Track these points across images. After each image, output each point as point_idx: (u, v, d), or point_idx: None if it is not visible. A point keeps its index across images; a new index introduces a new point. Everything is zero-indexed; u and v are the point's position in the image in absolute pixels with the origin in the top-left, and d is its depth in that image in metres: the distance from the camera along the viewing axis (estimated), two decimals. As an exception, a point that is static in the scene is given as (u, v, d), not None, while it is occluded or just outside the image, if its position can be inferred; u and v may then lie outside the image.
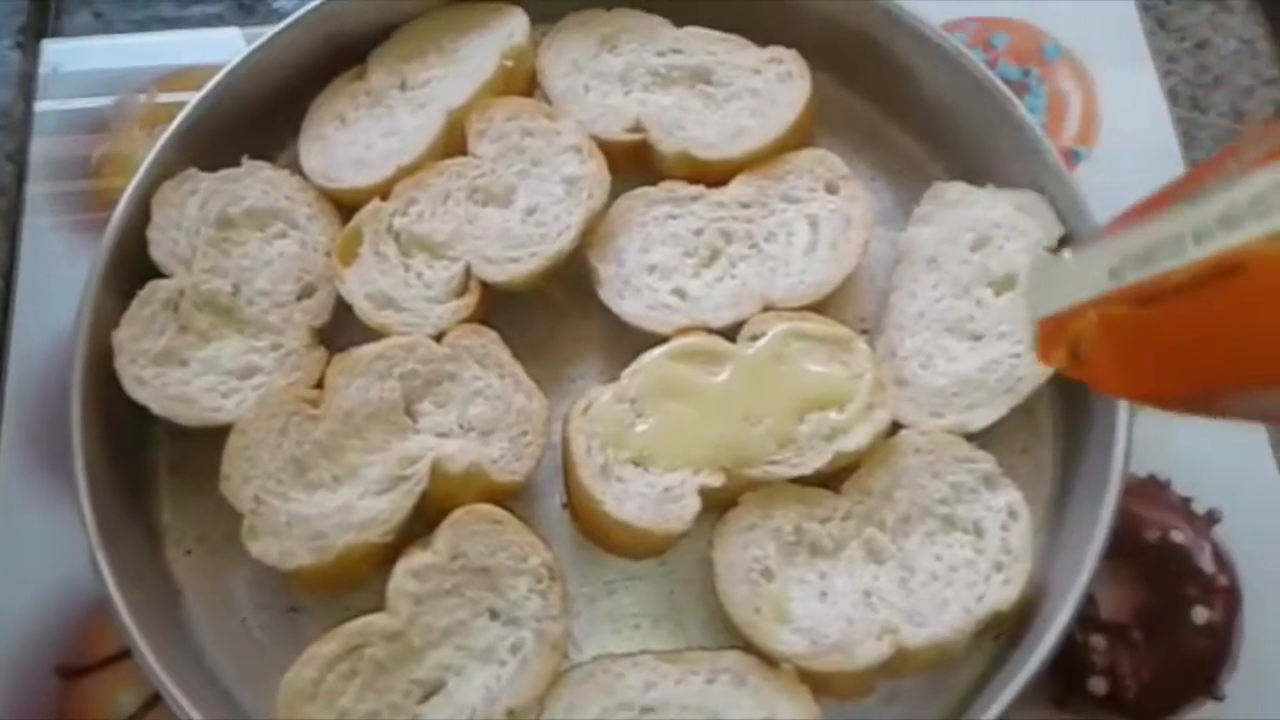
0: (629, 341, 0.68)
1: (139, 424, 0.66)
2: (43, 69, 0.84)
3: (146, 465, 0.69)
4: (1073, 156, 0.79)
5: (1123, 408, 0.63)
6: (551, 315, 0.72)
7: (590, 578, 0.66)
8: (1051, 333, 0.44)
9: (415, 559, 0.61)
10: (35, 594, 0.68)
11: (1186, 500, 0.69)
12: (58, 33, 0.87)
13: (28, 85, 0.83)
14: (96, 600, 0.61)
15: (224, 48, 0.82)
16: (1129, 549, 0.66)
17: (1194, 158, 0.80)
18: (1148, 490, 0.69)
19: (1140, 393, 0.44)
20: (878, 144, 0.77)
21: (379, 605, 0.60)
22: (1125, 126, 0.80)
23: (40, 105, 0.83)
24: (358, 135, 0.73)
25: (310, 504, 0.62)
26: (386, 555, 0.62)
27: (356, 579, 0.63)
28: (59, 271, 0.75)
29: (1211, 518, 0.68)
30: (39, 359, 0.73)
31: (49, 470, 0.70)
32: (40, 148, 0.81)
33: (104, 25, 0.88)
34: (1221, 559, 0.67)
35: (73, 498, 0.62)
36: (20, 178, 0.80)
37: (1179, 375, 0.41)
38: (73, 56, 0.85)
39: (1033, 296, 0.46)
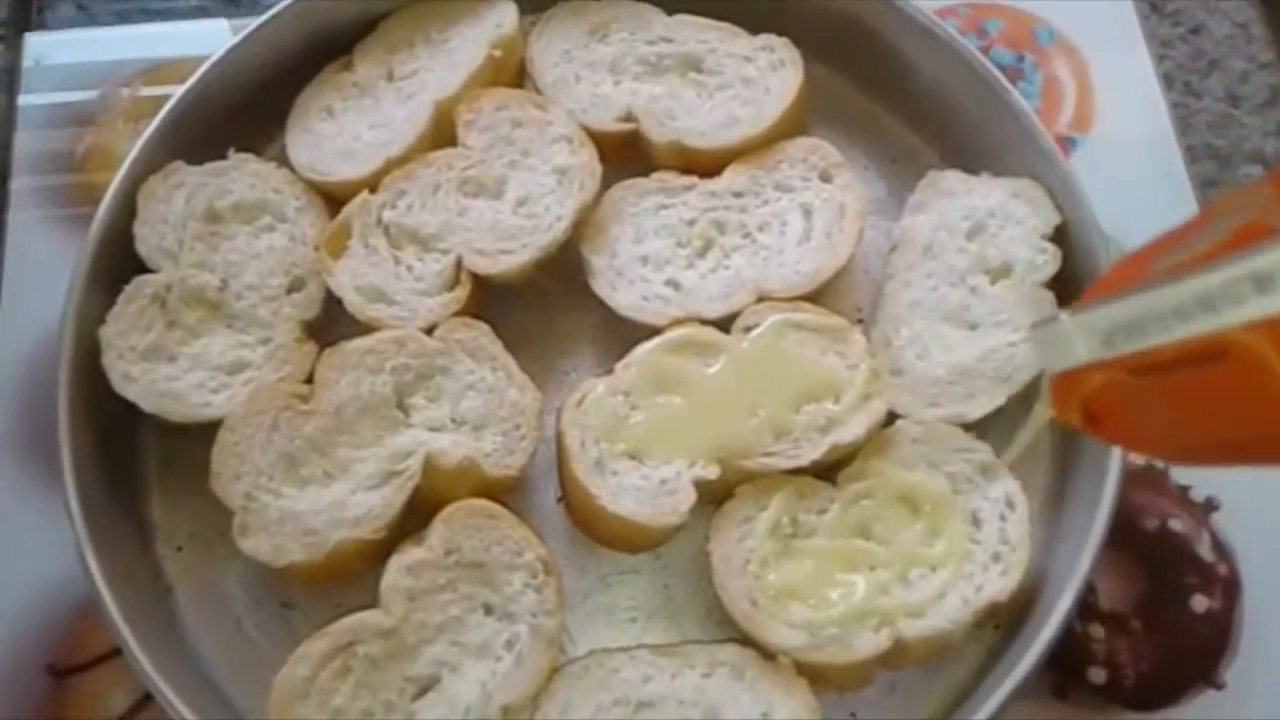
0: (622, 333, 0.67)
1: (128, 420, 0.65)
2: (26, 63, 0.83)
3: (136, 462, 0.68)
4: (1068, 143, 0.79)
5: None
6: (544, 307, 0.71)
7: (586, 571, 0.65)
8: (1063, 390, 0.46)
9: (409, 555, 0.60)
10: (26, 592, 0.67)
11: (1185, 488, 0.69)
12: (41, 26, 0.86)
13: (11, 79, 0.82)
14: (88, 598, 0.60)
15: (210, 40, 0.81)
16: (1127, 538, 0.65)
17: (1189, 144, 0.79)
18: (1146, 478, 0.69)
19: (1150, 450, 0.45)
20: (872, 132, 0.76)
21: (374, 601, 0.60)
22: (1120, 112, 0.80)
23: (24, 99, 0.82)
24: (345, 127, 0.72)
25: (302, 500, 0.61)
26: (380, 551, 0.61)
27: (350, 575, 0.62)
28: (45, 267, 0.75)
29: (1210, 505, 0.68)
30: (26, 356, 0.73)
31: (39, 467, 0.69)
32: (25, 142, 0.80)
33: (88, 18, 0.87)
34: (1220, 547, 0.66)
35: (62, 495, 0.61)
36: (4, 173, 0.79)
37: (1177, 442, 0.43)
38: (57, 50, 0.84)
39: (1038, 354, 0.48)
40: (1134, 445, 0.45)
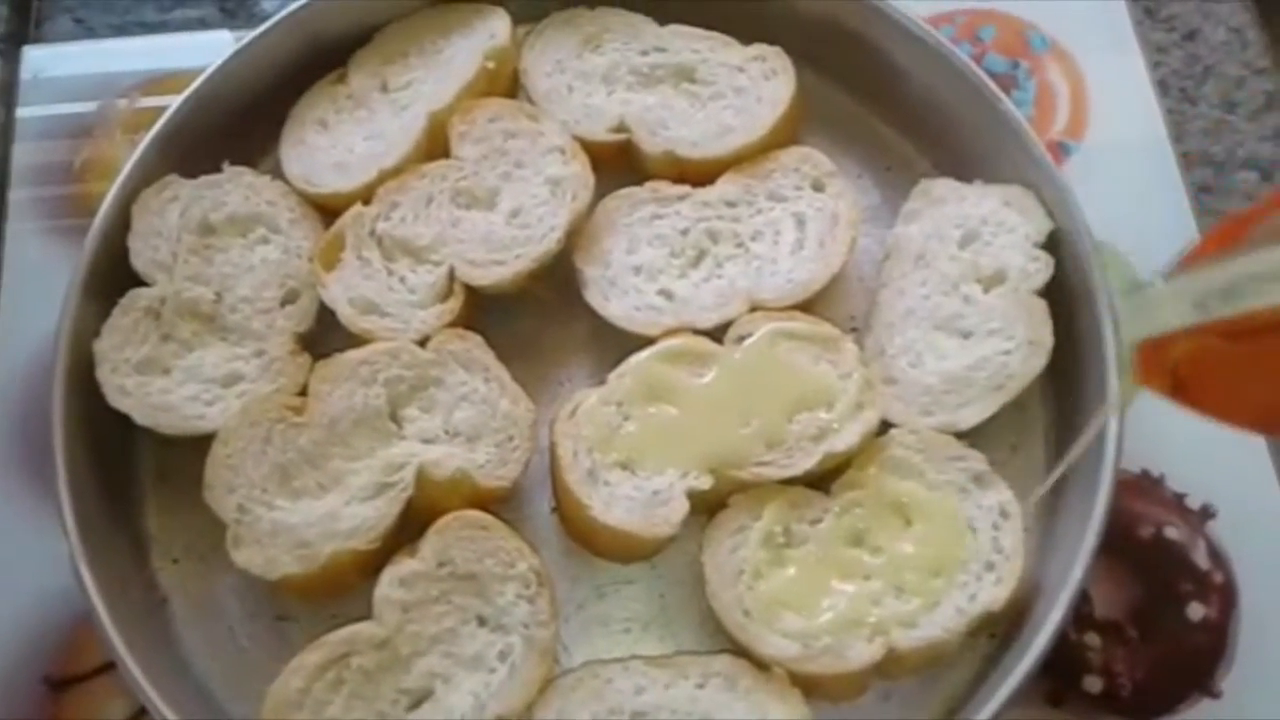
0: (616, 342, 0.67)
1: (123, 432, 0.66)
2: (24, 75, 0.83)
3: (131, 474, 0.68)
4: (1062, 149, 0.79)
5: (1114, 393, 0.62)
6: (537, 317, 0.71)
7: (580, 582, 0.65)
8: (1150, 357, 0.46)
9: (402, 566, 0.60)
10: (23, 604, 0.67)
11: (1180, 496, 0.68)
12: (39, 39, 0.86)
13: (9, 92, 0.82)
14: (84, 610, 0.60)
15: (207, 51, 0.81)
16: (1123, 545, 0.65)
17: (1184, 150, 0.79)
18: (1141, 486, 0.69)
19: (1239, 419, 0.46)
20: (865, 140, 0.76)
21: (368, 612, 0.60)
22: (1115, 119, 0.80)
23: (22, 111, 0.82)
24: (339, 139, 0.72)
25: (295, 512, 0.61)
26: (373, 562, 0.61)
27: (344, 587, 0.62)
28: (43, 278, 0.74)
29: (1206, 513, 0.68)
30: (23, 367, 0.73)
31: (35, 479, 0.69)
32: (23, 154, 0.81)
33: (85, 31, 0.87)
34: (1216, 555, 0.66)
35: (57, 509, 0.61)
36: (2, 185, 0.79)
37: (1268, 409, 0.43)
38: (54, 62, 0.84)
39: (1125, 322, 0.47)
40: (1222, 414, 0.45)
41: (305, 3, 0.73)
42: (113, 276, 0.67)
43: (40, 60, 0.84)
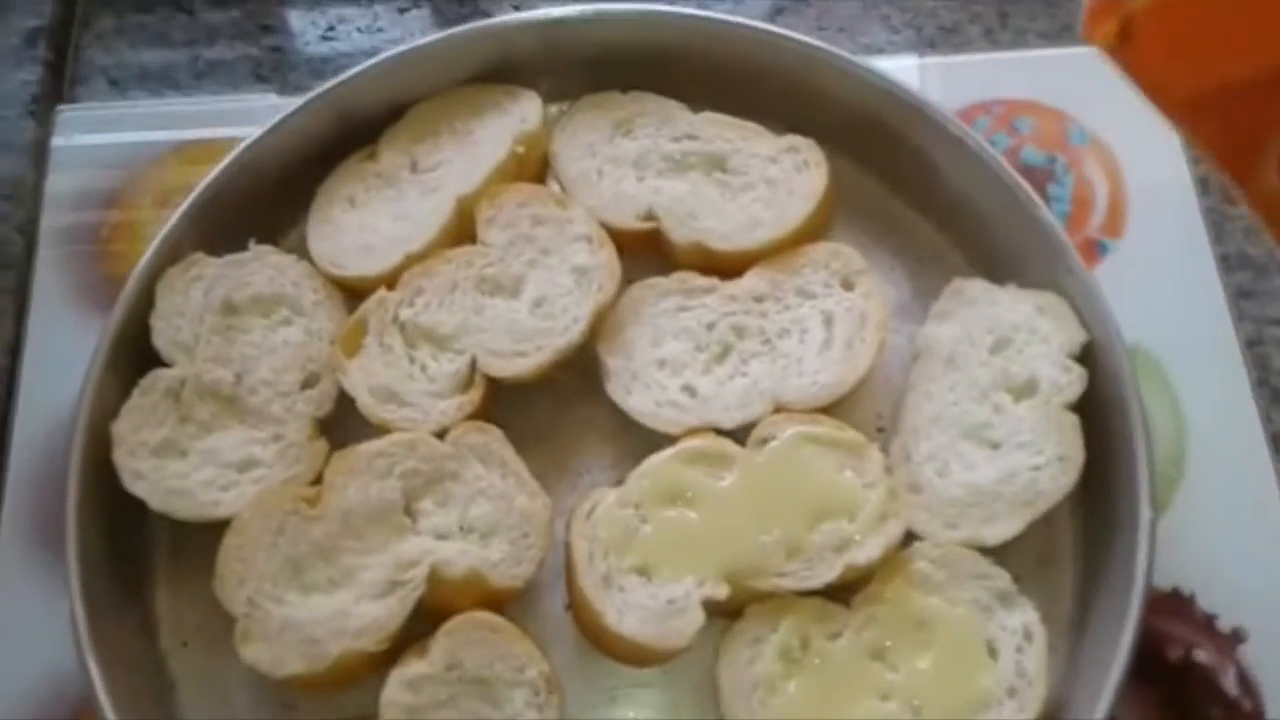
0: (637, 433, 0.66)
1: (137, 512, 0.65)
2: (56, 138, 0.83)
3: (145, 553, 0.67)
4: (1099, 247, 0.77)
5: (1145, 517, 0.61)
6: (558, 403, 0.70)
7: (592, 683, 0.64)
8: (1102, 6, 0.41)
9: (410, 668, 0.59)
10: (32, 680, 0.66)
11: (1211, 617, 0.66)
12: (73, 99, 0.87)
13: (40, 154, 0.83)
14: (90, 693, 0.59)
15: (244, 113, 0.81)
16: (1150, 667, 0.63)
17: (1224, 251, 0.77)
18: (1171, 605, 0.67)
19: (1189, 77, 0.41)
20: (897, 233, 0.75)
21: (375, 701, 0.59)
22: (1154, 217, 0.78)
23: (53, 174, 0.82)
24: (367, 219, 0.72)
25: (305, 608, 0.60)
26: (382, 659, 0.60)
27: (351, 681, 0.62)
28: (68, 347, 0.74)
29: (1237, 637, 0.66)
30: (45, 437, 0.72)
31: (48, 553, 0.68)
32: (52, 219, 0.80)
33: (119, 92, 0.87)
34: (1246, 681, 0.64)
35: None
36: (30, 251, 0.79)
37: (1237, 53, 0.39)
38: (87, 123, 0.84)
39: None
40: (1169, 71, 0.41)
41: (339, 80, 0.73)
42: (136, 353, 0.67)
43: (73, 121, 0.84)
